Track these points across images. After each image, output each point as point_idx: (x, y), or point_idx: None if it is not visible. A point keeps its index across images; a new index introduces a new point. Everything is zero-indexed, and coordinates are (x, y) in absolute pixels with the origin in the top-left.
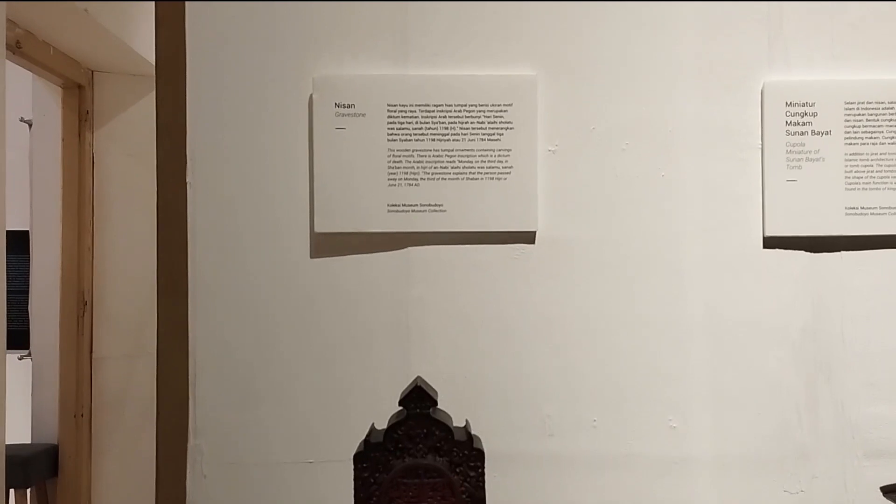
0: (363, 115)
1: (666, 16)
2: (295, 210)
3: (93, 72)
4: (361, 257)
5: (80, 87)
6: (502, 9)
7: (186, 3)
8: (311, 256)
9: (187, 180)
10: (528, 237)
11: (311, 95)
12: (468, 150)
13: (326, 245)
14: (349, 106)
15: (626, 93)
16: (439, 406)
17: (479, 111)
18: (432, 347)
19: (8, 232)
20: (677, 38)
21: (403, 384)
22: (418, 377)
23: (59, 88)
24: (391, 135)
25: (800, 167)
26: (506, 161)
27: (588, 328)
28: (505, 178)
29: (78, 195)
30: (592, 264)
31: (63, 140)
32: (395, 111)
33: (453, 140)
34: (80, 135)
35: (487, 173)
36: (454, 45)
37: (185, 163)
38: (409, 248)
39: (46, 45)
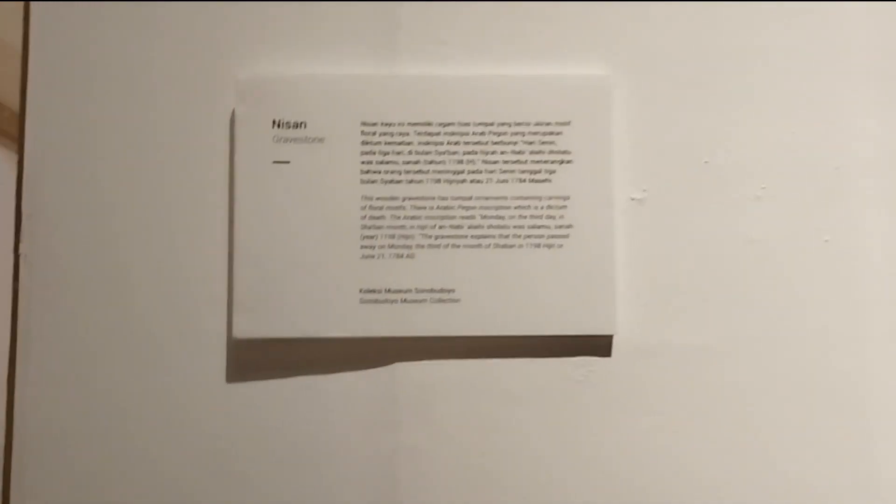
0: (320, 139)
1: None
2: (200, 303)
3: None
4: (314, 381)
5: None
6: None
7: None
8: (228, 380)
9: (20, 252)
10: (599, 346)
11: (233, 111)
12: (497, 199)
13: (253, 360)
14: (298, 125)
15: (758, 107)
16: None
17: (516, 134)
18: None
19: None
20: (841, 27)
21: None
22: None
23: None
24: (368, 172)
25: None
26: (560, 216)
27: (703, 498)
28: (560, 246)
29: None
30: (707, 389)
31: None
32: (372, 133)
33: (472, 182)
34: None
35: (530, 237)
36: (471, 27)
37: (19, 224)
38: (397, 365)
39: None
